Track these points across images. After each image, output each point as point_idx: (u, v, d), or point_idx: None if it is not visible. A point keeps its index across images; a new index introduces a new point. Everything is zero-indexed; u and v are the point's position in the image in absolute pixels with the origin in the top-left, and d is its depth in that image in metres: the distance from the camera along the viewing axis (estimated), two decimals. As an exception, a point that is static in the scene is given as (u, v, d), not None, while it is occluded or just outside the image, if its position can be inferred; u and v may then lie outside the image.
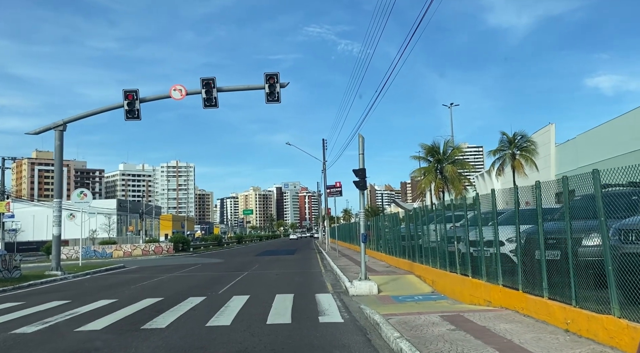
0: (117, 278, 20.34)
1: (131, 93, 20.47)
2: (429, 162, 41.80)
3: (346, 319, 9.51)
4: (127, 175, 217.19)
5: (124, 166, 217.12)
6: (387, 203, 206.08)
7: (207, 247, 52.84)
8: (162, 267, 26.40)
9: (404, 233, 18.88)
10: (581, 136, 38.39)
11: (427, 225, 14.67)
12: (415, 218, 16.59)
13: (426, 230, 14.94)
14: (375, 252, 27.09)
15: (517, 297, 8.40)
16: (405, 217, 18.87)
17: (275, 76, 20.43)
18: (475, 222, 11.10)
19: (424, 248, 15.15)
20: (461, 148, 42.35)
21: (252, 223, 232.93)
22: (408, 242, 17.35)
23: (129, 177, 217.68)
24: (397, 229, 20.06)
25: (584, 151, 36.63)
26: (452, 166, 40.09)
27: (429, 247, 14.51)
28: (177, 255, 39.04)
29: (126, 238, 73.97)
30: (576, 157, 37.12)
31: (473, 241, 10.74)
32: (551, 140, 44.58)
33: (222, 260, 32.65)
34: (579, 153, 37.37)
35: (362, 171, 13.85)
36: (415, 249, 16.27)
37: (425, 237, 15.02)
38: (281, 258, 32.42)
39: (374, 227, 27.46)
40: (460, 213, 12.69)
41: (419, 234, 16.11)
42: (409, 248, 17.49)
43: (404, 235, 18.51)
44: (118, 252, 38.86)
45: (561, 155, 42.16)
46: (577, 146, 38.37)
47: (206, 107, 20.52)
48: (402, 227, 19.37)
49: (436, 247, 13.74)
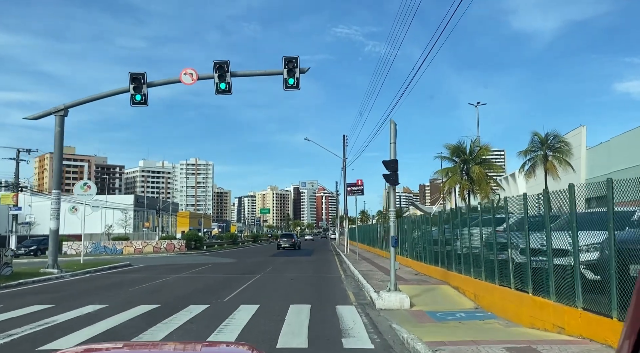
0: (118, 278, 18.65)
1: (138, 76, 18.75)
2: (454, 162, 39.46)
3: (377, 344, 7.51)
4: (146, 172, 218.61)
5: (144, 163, 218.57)
6: (405, 205, 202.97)
7: (221, 246, 51.24)
8: (170, 267, 24.73)
9: (436, 237, 16.77)
10: (615, 139, 36.19)
11: (468, 227, 12.55)
12: (452, 220, 14.48)
13: (465, 234, 12.83)
14: (398, 257, 24.97)
15: (610, 327, 6.29)
16: (438, 219, 16.73)
17: (294, 60, 18.49)
18: (521, 225, 9.12)
19: (463, 255, 13.04)
20: (489, 148, 39.77)
21: (268, 222, 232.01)
22: (442, 247, 15.23)
23: (148, 173, 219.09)
24: (428, 232, 17.93)
25: (618, 155, 34.57)
26: (479, 167, 37.64)
27: (469, 254, 12.39)
28: (189, 253, 37.44)
29: (142, 235, 72.99)
30: (609, 162, 35.13)
31: (535, 249, 8.64)
32: (582, 143, 42.12)
33: (235, 260, 30.88)
34: (612, 157, 35.32)
35: (394, 163, 11.82)
36: (452, 256, 14.15)
37: (465, 242, 12.91)
38: (297, 259, 30.51)
39: (398, 230, 25.33)
40: (501, 216, 10.70)
41: (456, 238, 14.00)
42: (442, 255, 15.38)
43: (437, 239, 16.41)
44: (129, 249, 37.44)
45: (592, 159, 39.73)
46: (611, 150, 36.18)
47: (219, 92, 18.67)
48: (433, 230, 17.24)
49: (480, 255, 11.61)
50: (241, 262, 29.14)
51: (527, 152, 42.16)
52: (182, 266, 24.95)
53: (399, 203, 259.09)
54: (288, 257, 33.02)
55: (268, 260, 29.52)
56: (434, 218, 18.19)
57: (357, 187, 28.02)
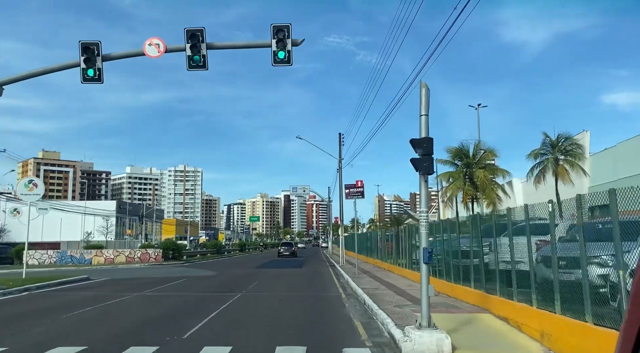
0: (60, 299, 14.83)
1: (91, 46, 15.06)
2: (456, 166, 36.04)
3: None
4: (133, 178, 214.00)
5: (130, 169, 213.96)
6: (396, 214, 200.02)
7: (204, 256, 47.09)
8: (136, 281, 20.91)
9: (466, 248, 13.22)
10: (622, 144, 33.55)
11: (527, 235, 8.97)
12: (495, 226, 10.90)
13: (520, 245, 9.26)
14: (404, 270, 21.41)
15: None
16: (472, 224, 13.13)
17: (285, 29, 14.95)
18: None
19: (515, 273, 9.43)
20: (494, 152, 36.30)
21: (258, 230, 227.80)
22: (479, 261, 11.60)
23: (135, 180, 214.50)
24: (452, 241, 14.31)
25: (625, 161, 32.01)
26: (483, 171, 34.17)
27: (533, 273, 8.77)
28: (165, 264, 33.48)
29: (124, 243, 68.70)
30: (615, 168, 32.56)
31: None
32: (585, 148, 39.31)
33: (215, 273, 27.05)
34: (618, 163, 32.76)
35: (427, 142, 8.28)
36: (495, 274, 10.54)
37: (518, 254, 9.35)
38: (286, 272, 26.73)
39: (405, 238, 21.77)
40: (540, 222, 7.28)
41: (500, 250, 10.44)
42: (476, 271, 11.81)
43: (466, 251, 12.83)
44: (98, 259, 33.43)
45: (597, 166, 36.84)
46: (617, 156, 33.52)
47: (191, 67, 15.03)
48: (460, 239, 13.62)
49: (552, 275, 8.02)
50: (222, 275, 25.32)
51: (536, 155, 38.88)
52: (150, 280, 21.14)
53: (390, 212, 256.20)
54: (276, 269, 29.24)
55: (253, 273, 25.72)
56: (464, 223, 14.61)
57: (357, 188, 24.36)
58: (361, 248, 39.04)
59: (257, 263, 37.29)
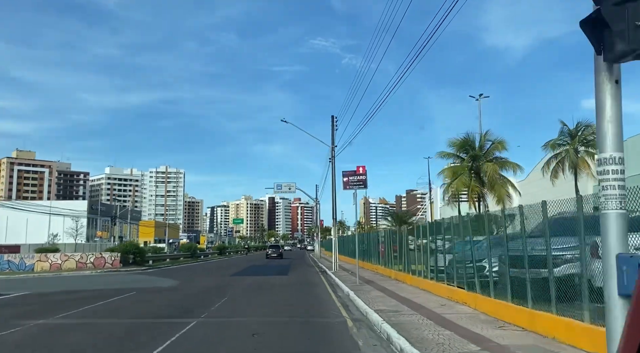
0: None
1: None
2: (461, 160, 31.00)
3: None
4: (113, 179, 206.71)
5: (110, 170, 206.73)
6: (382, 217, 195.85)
7: (175, 260, 41.29)
8: (63, 297, 15.54)
9: (537, 253, 8.25)
10: (631, 139, 29.47)
11: None
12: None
13: None
14: (421, 280, 16.40)
15: None
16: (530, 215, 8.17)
17: None
18: None
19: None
20: (503, 143, 31.09)
21: (241, 232, 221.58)
22: (579, 271, 6.61)
23: (115, 181, 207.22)
24: (517, 241, 9.26)
25: (634, 157, 28.17)
26: (492, 164, 29.14)
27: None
28: (123, 271, 27.90)
29: (94, 246, 62.62)
30: None
31: None
32: None
33: (178, 282, 21.63)
34: (628, 160, 28.62)
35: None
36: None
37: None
38: (268, 282, 21.47)
39: (421, 237, 16.81)
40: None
41: None
42: (566, 285, 6.81)
43: (536, 256, 7.88)
44: (42, 264, 27.78)
45: None
46: (627, 152, 29.33)
47: None
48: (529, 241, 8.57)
49: None
50: (185, 286, 19.95)
51: (554, 146, 34.18)
52: (86, 295, 15.77)
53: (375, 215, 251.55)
54: (256, 278, 23.95)
55: (226, 284, 20.36)
56: (513, 216, 9.60)
57: (358, 176, 19.16)
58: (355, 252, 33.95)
59: (235, 269, 31.86)
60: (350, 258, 33.20)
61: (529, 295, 8.44)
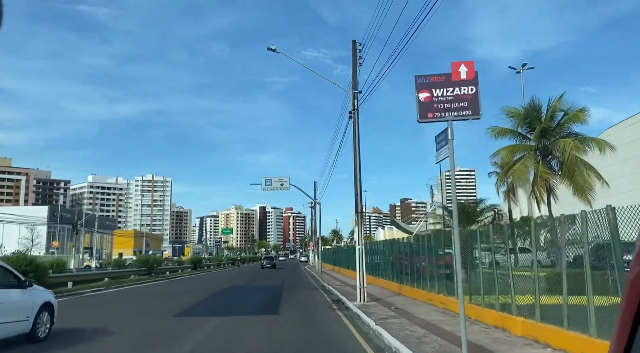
0: None
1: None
2: (523, 138, 20.92)
3: None
4: (96, 188, 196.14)
5: (93, 178, 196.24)
6: (375, 227, 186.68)
7: (119, 279, 30.84)
8: None
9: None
10: None
11: None
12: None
13: None
14: (478, 308, 7.43)
15: None
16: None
17: None
18: None
19: None
20: (585, 112, 20.25)
21: (230, 243, 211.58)
22: None
23: (97, 189, 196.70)
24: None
25: None
26: (573, 141, 19.06)
27: None
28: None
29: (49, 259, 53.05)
30: None
31: None
32: None
33: (83, 328, 12.38)
34: None
35: None
36: None
37: None
38: (241, 323, 12.25)
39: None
40: None
41: None
42: None
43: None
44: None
45: None
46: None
47: None
48: None
49: None
50: (78, 345, 10.74)
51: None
52: None
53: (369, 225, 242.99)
54: (221, 320, 14.80)
55: (159, 338, 11.15)
56: None
57: (459, 86, 8.18)
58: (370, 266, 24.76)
59: (200, 294, 22.19)
60: (354, 271, 24.05)
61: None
